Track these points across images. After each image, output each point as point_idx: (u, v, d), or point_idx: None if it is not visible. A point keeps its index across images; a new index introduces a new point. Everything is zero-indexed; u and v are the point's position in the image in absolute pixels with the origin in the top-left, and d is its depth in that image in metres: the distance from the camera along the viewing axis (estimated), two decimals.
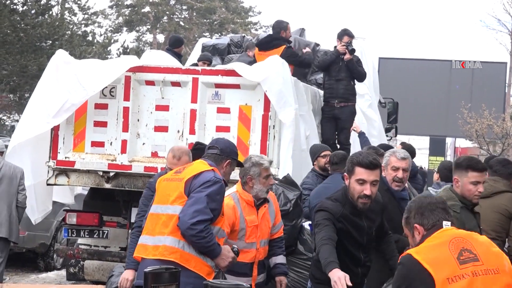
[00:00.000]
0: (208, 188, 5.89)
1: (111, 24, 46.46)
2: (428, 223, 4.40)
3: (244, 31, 42.35)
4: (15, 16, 28.14)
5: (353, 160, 5.81)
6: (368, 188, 5.71)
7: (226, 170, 6.23)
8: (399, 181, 6.70)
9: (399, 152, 6.79)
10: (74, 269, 10.74)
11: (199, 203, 5.82)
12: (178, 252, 5.90)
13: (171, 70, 9.58)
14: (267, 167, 6.81)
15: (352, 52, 11.38)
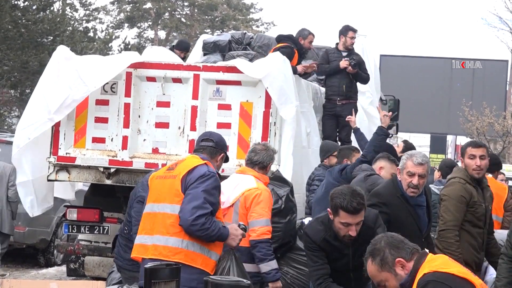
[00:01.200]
0: (203, 183, 5.87)
1: (113, 20, 46.46)
2: (407, 254, 4.33)
3: (246, 28, 42.35)
4: (16, 11, 28.11)
5: (336, 203, 5.70)
6: (353, 229, 5.69)
7: (219, 164, 6.24)
8: (414, 187, 6.45)
9: (417, 156, 6.50)
10: (74, 265, 10.76)
11: (197, 199, 5.80)
12: (182, 253, 5.88)
13: (172, 67, 9.58)
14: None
15: (354, 67, 11.39)
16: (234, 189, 7.04)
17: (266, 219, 6.87)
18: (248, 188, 6.98)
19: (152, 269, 5.10)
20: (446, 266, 4.23)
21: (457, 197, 6.85)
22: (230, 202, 6.97)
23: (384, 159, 7.61)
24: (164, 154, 9.40)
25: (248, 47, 12.77)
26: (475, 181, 6.94)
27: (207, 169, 5.95)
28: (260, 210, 6.86)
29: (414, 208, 6.53)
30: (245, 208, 6.91)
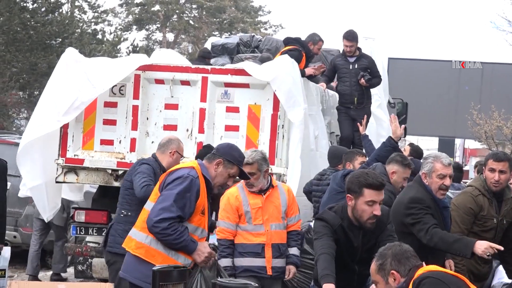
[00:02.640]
0: (178, 186, 5.89)
1: (121, 23, 46.49)
2: (404, 270, 4.58)
3: (254, 30, 42.32)
4: (25, 13, 28.18)
5: (360, 181, 5.70)
6: (378, 208, 5.67)
7: (218, 171, 6.06)
8: (445, 189, 6.47)
9: (444, 158, 6.48)
10: (82, 267, 10.77)
11: (166, 201, 5.85)
12: (144, 248, 6.01)
13: (181, 69, 9.59)
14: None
15: (368, 81, 11.38)
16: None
17: (218, 221, 7.34)
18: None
19: (161, 271, 5.11)
20: (439, 268, 4.58)
21: (464, 208, 6.85)
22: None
23: (398, 164, 7.53)
24: None
25: (256, 49, 12.78)
26: (491, 193, 6.87)
27: (187, 172, 5.95)
28: (219, 212, 7.34)
29: (441, 210, 6.55)
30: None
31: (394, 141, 8.43)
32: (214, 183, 6.07)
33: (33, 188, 9.79)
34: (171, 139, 7.98)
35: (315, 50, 11.49)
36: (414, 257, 4.66)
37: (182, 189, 5.87)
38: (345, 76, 11.55)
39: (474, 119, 28.12)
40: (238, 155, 6.13)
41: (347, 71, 11.54)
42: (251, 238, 7.21)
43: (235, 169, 6.09)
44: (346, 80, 11.53)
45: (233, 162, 6.07)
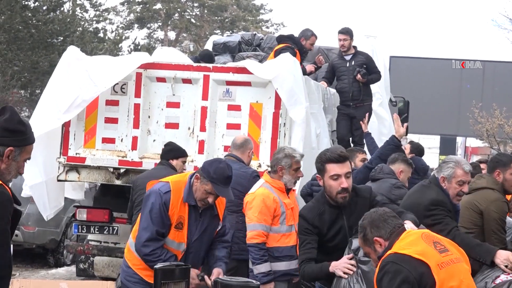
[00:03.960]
0: (146, 203, 6.04)
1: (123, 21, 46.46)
2: (386, 233, 4.69)
3: (255, 28, 42.31)
4: (27, 12, 28.18)
5: (321, 158, 5.81)
6: (344, 181, 5.68)
7: (197, 185, 6.00)
8: (462, 195, 6.42)
9: (465, 165, 6.38)
10: (84, 265, 10.77)
11: (144, 221, 6.02)
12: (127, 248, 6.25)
13: (182, 67, 9.58)
14: (298, 160, 7.24)
15: (364, 76, 11.36)
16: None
17: (254, 223, 7.02)
18: (249, 193, 7.25)
19: (163, 270, 5.11)
20: (408, 246, 4.55)
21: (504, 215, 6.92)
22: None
23: (404, 163, 7.60)
24: None
25: (258, 48, 12.78)
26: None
27: (158, 188, 6.04)
28: (250, 214, 7.06)
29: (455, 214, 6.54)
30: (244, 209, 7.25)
31: (397, 139, 8.44)
32: (195, 197, 6.02)
33: (33, 186, 9.79)
34: (247, 139, 8.38)
35: (308, 46, 11.47)
36: (393, 218, 4.75)
37: (150, 205, 5.97)
38: (343, 74, 11.55)
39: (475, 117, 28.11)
40: (214, 172, 5.90)
41: (345, 69, 11.53)
42: (285, 241, 7.08)
43: (209, 185, 5.94)
44: (344, 78, 11.53)
45: (207, 179, 5.94)
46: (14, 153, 4.26)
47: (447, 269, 4.48)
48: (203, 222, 6.15)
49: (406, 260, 4.46)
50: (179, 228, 6.03)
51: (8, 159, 4.26)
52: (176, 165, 8.74)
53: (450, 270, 4.49)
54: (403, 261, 4.46)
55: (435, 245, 4.60)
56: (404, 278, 4.39)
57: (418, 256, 4.48)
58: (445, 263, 4.51)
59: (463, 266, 4.62)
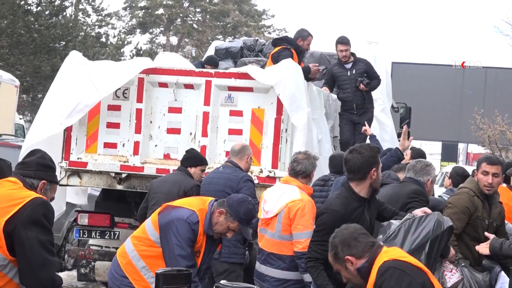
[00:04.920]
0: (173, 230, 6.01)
1: (125, 26, 46.59)
2: (357, 251, 4.65)
3: (258, 34, 42.38)
4: (29, 16, 28.26)
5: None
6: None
7: (220, 220, 6.05)
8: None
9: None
10: (85, 270, 10.75)
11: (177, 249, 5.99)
12: (126, 258, 6.20)
13: (184, 73, 9.59)
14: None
15: (367, 85, 11.38)
16: (279, 200, 7.12)
17: (310, 231, 6.83)
18: (292, 200, 7.02)
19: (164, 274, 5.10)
20: (403, 256, 4.65)
21: (462, 207, 6.90)
22: (275, 212, 7.05)
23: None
24: (176, 160, 9.41)
25: (260, 53, 12.78)
26: (484, 195, 6.98)
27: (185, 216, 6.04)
28: (305, 222, 6.90)
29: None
30: (288, 218, 6.98)
31: (400, 152, 8.54)
32: (214, 229, 6.05)
33: None
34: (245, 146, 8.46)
35: (305, 46, 11.42)
36: (364, 235, 4.71)
37: (183, 234, 5.94)
38: (345, 83, 11.54)
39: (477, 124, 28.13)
40: (244, 213, 5.99)
41: (346, 78, 11.52)
42: None
43: (235, 224, 6.01)
44: (347, 87, 11.52)
45: (234, 217, 6.00)
46: (46, 186, 4.80)
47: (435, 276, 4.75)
48: (212, 251, 6.29)
49: (408, 267, 4.49)
50: (196, 256, 6.08)
51: (41, 192, 4.75)
52: (194, 173, 8.70)
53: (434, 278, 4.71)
54: (406, 268, 4.49)
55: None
56: (410, 283, 4.42)
57: (417, 264, 4.56)
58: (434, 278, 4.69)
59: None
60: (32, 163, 4.80)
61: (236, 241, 7.61)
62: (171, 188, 8.35)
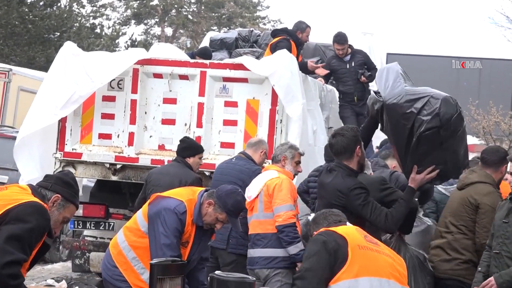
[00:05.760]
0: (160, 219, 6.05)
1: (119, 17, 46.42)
2: (322, 226, 4.95)
3: (252, 25, 42.26)
4: (24, 7, 28.19)
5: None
6: None
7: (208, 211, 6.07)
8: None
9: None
10: (79, 261, 10.76)
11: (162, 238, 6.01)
12: (117, 249, 6.24)
13: (179, 63, 9.58)
14: (300, 153, 7.69)
15: (369, 77, 11.39)
16: (258, 182, 7.47)
17: (290, 204, 7.21)
18: (269, 178, 7.38)
19: (158, 265, 5.11)
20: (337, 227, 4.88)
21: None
22: (255, 194, 7.36)
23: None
24: (170, 151, 9.40)
25: (255, 44, 12.77)
26: None
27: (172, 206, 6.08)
28: (283, 196, 7.20)
29: None
30: (268, 195, 7.29)
31: None
32: (203, 220, 6.06)
33: (29, 181, 9.75)
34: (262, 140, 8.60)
35: (304, 38, 11.44)
36: (334, 216, 5.03)
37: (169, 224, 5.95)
38: (345, 76, 11.54)
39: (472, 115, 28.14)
40: (231, 204, 5.98)
41: (346, 71, 11.53)
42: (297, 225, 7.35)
43: (224, 215, 6.01)
44: (347, 81, 11.53)
45: (222, 209, 6.01)
46: (59, 202, 4.58)
47: (366, 252, 4.71)
48: (204, 242, 6.25)
49: (330, 234, 4.76)
50: (184, 246, 6.08)
51: (52, 206, 4.55)
52: (193, 163, 8.69)
53: (369, 255, 4.72)
54: (328, 234, 4.76)
55: (365, 236, 4.89)
56: (323, 244, 4.68)
57: (341, 232, 4.75)
58: (367, 248, 4.74)
59: (386, 260, 4.78)
60: (53, 177, 4.70)
61: (244, 232, 7.62)
62: (173, 181, 8.30)
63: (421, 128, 6.01)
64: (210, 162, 9.19)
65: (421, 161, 6.11)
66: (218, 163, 8.82)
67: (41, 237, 4.36)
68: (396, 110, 6.13)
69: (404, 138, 6.11)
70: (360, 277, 4.63)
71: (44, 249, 4.48)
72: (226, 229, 7.53)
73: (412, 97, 6.11)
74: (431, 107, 6.04)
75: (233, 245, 7.96)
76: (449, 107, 6.06)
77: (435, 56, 34.70)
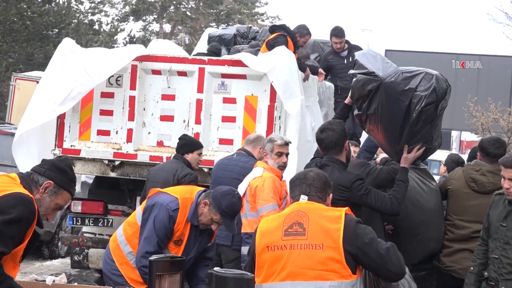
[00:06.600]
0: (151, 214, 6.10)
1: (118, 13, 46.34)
2: (294, 196, 4.84)
3: (251, 21, 42.25)
4: (22, 4, 28.14)
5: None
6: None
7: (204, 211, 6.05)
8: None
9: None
10: (78, 257, 10.77)
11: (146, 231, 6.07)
12: (115, 242, 6.28)
13: (178, 60, 9.58)
14: (279, 144, 7.48)
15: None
16: (245, 182, 7.49)
17: (272, 203, 7.17)
18: (253, 178, 7.37)
19: (157, 261, 5.11)
20: (267, 220, 4.91)
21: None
22: (242, 193, 7.27)
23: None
24: (169, 147, 9.41)
25: (253, 41, 12.76)
26: None
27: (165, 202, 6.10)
28: (265, 196, 7.19)
29: None
30: (251, 196, 7.29)
31: None
32: (199, 220, 6.05)
33: None
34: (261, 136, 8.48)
35: (301, 43, 11.43)
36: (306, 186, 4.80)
37: (157, 219, 5.97)
38: (343, 72, 11.53)
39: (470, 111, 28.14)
40: (226, 206, 5.93)
41: (344, 66, 11.52)
42: None
43: (218, 216, 5.98)
44: (345, 76, 11.51)
45: (217, 210, 5.98)
46: (51, 188, 4.49)
47: (278, 252, 4.54)
48: (201, 242, 6.21)
49: (254, 233, 4.74)
50: (177, 244, 6.08)
51: (43, 192, 4.47)
52: (192, 159, 8.71)
53: (280, 255, 4.54)
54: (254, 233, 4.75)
55: (291, 226, 4.60)
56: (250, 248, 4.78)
57: (258, 233, 4.70)
58: (280, 247, 4.55)
59: (318, 253, 4.48)
60: (48, 162, 4.60)
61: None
62: (167, 176, 8.36)
63: (420, 103, 6.12)
64: (209, 158, 9.20)
65: (413, 139, 6.21)
66: (216, 159, 8.82)
67: (26, 228, 4.29)
68: (394, 88, 6.20)
69: (400, 117, 6.18)
70: (264, 283, 4.55)
71: (35, 239, 4.44)
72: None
73: (408, 74, 6.23)
74: (427, 83, 6.17)
75: (237, 241, 7.92)
76: (442, 83, 6.28)
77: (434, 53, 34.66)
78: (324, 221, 4.57)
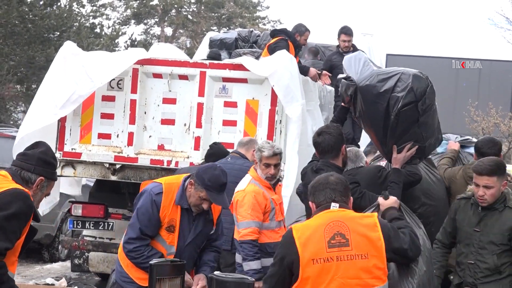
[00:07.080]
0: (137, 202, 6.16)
1: (119, 17, 46.41)
2: (318, 202, 4.79)
3: (252, 25, 42.29)
4: (23, 7, 28.13)
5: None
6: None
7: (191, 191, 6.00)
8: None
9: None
10: (78, 261, 10.78)
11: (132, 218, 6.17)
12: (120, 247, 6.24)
13: (179, 63, 9.58)
14: (266, 155, 7.21)
15: None
16: (238, 187, 7.40)
17: (248, 221, 7.06)
18: (237, 190, 7.29)
19: (157, 265, 5.12)
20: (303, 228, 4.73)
21: None
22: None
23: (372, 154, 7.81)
24: (170, 151, 9.41)
25: (254, 45, 12.77)
26: None
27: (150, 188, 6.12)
28: (243, 212, 7.10)
29: None
30: (234, 208, 7.23)
31: None
32: (189, 202, 6.01)
33: None
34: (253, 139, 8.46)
35: (302, 41, 11.44)
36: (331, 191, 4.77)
37: (140, 205, 6.00)
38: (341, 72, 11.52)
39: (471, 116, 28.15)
40: (208, 179, 5.87)
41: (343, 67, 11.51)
42: (275, 236, 7.13)
43: (204, 192, 5.92)
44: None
45: (201, 186, 5.93)
46: (43, 183, 4.67)
47: (325, 265, 4.51)
48: (197, 226, 6.13)
49: (289, 244, 4.61)
50: (170, 231, 6.03)
51: (37, 188, 4.64)
52: None
53: (327, 269, 4.51)
54: (287, 245, 4.64)
55: (333, 237, 4.59)
56: (280, 261, 4.65)
57: (297, 244, 4.57)
58: (326, 259, 4.53)
59: (364, 263, 4.55)
60: (33, 157, 4.64)
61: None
62: None
63: (397, 105, 6.07)
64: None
65: (399, 139, 6.18)
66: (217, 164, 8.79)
67: (25, 222, 4.41)
68: (370, 91, 6.17)
69: (381, 119, 6.15)
70: None
71: (32, 233, 4.55)
72: (230, 230, 7.49)
73: (383, 76, 6.18)
74: (403, 83, 6.11)
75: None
76: (421, 81, 6.17)
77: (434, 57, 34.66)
78: (364, 230, 4.64)
